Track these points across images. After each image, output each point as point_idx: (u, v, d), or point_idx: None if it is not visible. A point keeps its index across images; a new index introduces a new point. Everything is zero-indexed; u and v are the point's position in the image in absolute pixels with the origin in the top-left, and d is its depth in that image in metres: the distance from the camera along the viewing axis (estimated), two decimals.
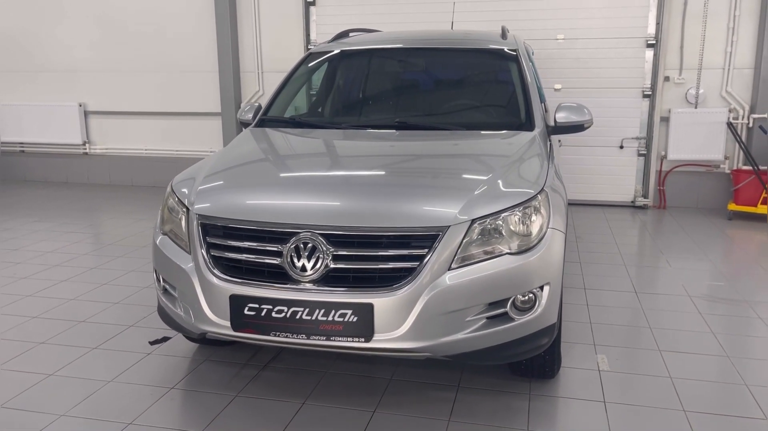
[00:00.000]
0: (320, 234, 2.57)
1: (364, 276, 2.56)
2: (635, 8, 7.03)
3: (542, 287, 2.68)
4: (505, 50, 4.16)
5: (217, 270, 2.67)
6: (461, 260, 2.57)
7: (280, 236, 2.61)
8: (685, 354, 3.50)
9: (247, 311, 2.58)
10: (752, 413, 2.91)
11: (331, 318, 2.51)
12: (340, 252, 2.55)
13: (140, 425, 2.79)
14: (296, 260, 2.57)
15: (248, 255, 2.65)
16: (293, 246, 2.58)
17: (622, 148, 7.34)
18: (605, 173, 7.44)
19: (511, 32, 4.51)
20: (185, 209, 2.87)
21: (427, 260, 2.53)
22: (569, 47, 7.24)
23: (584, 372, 3.28)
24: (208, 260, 2.69)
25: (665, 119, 7.17)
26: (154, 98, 8.54)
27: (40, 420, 2.82)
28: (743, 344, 3.66)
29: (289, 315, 2.54)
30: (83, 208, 7.42)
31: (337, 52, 4.45)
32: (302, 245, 2.57)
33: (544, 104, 3.99)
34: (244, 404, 2.97)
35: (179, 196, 2.97)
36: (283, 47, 7.94)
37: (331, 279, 2.56)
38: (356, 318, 2.50)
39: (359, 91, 4.44)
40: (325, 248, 2.55)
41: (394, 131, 3.68)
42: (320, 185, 2.95)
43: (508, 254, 2.62)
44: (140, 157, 8.76)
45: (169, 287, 2.93)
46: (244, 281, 2.62)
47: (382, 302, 2.49)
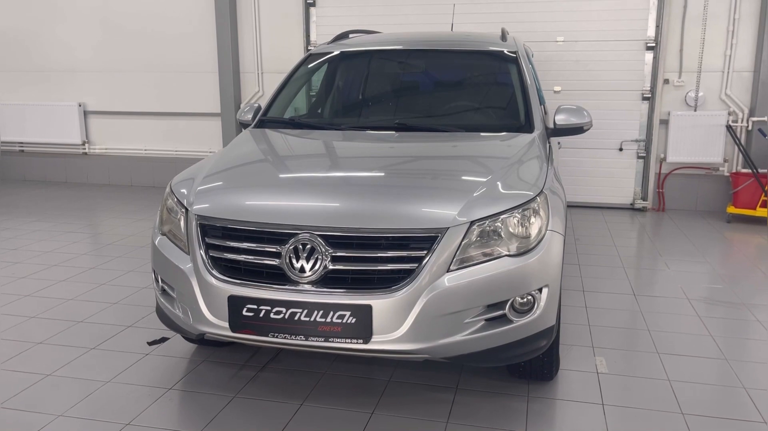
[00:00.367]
0: (319, 236, 2.57)
1: (362, 278, 2.56)
2: (635, 11, 7.03)
3: (541, 289, 2.69)
4: (504, 52, 4.16)
5: (215, 271, 2.67)
6: (460, 262, 2.57)
7: (278, 237, 2.61)
8: (683, 357, 3.50)
9: (245, 312, 2.58)
10: (750, 416, 2.91)
11: (329, 320, 2.50)
12: (338, 254, 2.55)
13: (138, 426, 2.79)
14: (295, 261, 2.57)
15: (247, 256, 2.65)
16: (292, 248, 2.57)
17: (621, 150, 7.35)
18: (604, 175, 7.45)
19: (510, 34, 4.51)
20: (184, 210, 2.87)
21: (425, 262, 2.53)
22: (569, 49, 7.24)
23: (582, 375, 3.28)
24: (206, 261, 2.69)
25: (664, 122, 7.18)
26: (153, 98, 8.54)
27: (37, 421, 2.81)
28: (742, 347, 3.66)
29: (287, 317, 2.53)
30: (82, 207, 7.42)
31: (337, 53, 4.45)
32: (301, 246, 2.57)
33: (543, 106, 3.99)
34: (242, 405, 2.97)
35: (178, 196, 2.97)
36: (283, 48, 7.95)
37: (329, 281, 2.56)
38: (355, 320, 2.50)
39: (359, 92, 4.43)
40: (323, 249, 2.55)
41: (393, 133, 3.68)
42: (319, 186, 2.94)
43: (506, 256, 2.62)
44: (140, 157, 8.76)
45: (167, 288, 2.93)
46: (242, 282, 2.62)
47: (380, 303, 2.49)
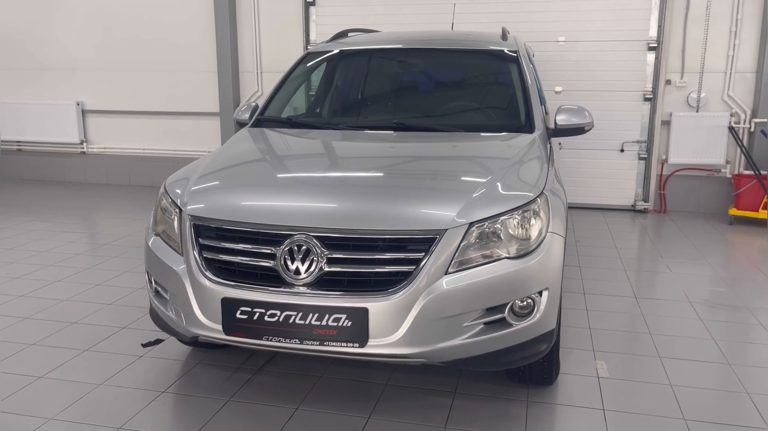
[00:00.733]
0: (315, 237, 2.51)
1: (359, 280, 2.50)
2: (637, 11, 6.98)
3: (541, 292, 2.64)
4: (505, 51, 4.11)
5: (209, 273, 2.62)
6: (459, 264, 2.52)
7: (273, 238, 2.56)
8: (685, 361, 3.45)
9: (239, 314, 2.53)
10: (753, 422, 2.85)
11: (324, 323, 2.45)
12: (334, 255, 2.50)
13: (129, 430, 2.73)
14: (290, 263, 2.52)
15: (241, 258, 2.60)
16: (287, 249, 2.52)
17: (622, 151, 7.29)
18: (606, 176, 7.39)
19: (511, 34, 4.46)
20: (178, 210, 2.82)
21: (423, 264, 2.48)
22: (570, 49, 7.19)
23: (583, 379, 3.23)
24: (200, 262, 2.64)
25: (666, 123, 7.13)
26: (152, 97, 8.50)
27: (27, 424, 2.76)
28: (744, 351, 3.61)
29: (282, 320, 2.48)
30: (80, 207, 7.37)
31: (335, 52, 4.39)
32: (296, 247, 2.51)
33: (544, 106, 3.95)
34: (236, 409, 2.92)
35: (172, 196, 2.91)
36: (282, 47, 7.90)
37: (325, 283, 2.50)
38: (350, 323, 2.44)
39: (357, 91, 4.38)
40: (319, 251, 2.50)
41: (392, 132, 3.63)
42: (315, 186, 2.89)
43: (506, 258, 2.57)
44: (138, 156, 8.71)
45: (160, 289, 2.88)
46: (236, 284, 2.57)
47: (377, 307, 2.44)
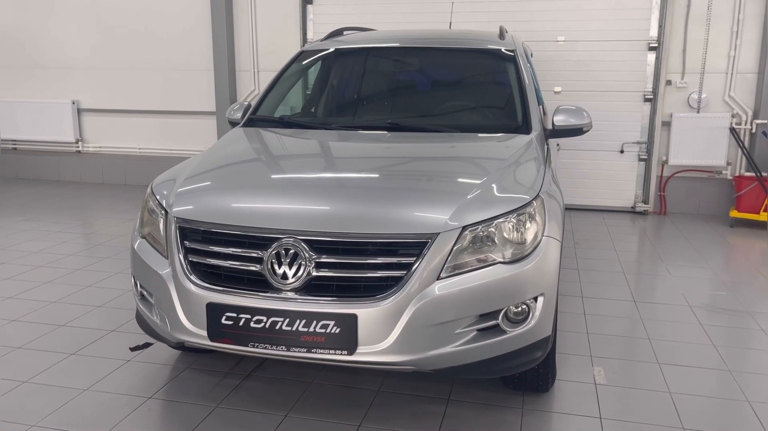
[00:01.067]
0: (303, 240, 2.44)
1: (348, 285, 2.43)
2: (637, 10, 6.90)
3: (536, 298, 2.56)
4: (502, 50, 4.03)
5: (194, 277, 2.54)
6: (451, 269, 2.44)
7: (260, 242, 2.49)
8: (684, 368, 3.38)
9: (224, 320, 2.46)
10: None
11: (312, 330, 2.38)
12: (323, 260, 2.43)
13: None
14: (277, 267, 2.44)
15: (227, 262, 2.53)
16: (274, 253, 2.45)
17: (622, 152, 7.22)
18: (605, 178, 7.31)
19: (509, 33, 4.38)
20: (164, 212, 2.74)
21: (414, 269, 2.40)
22: (570, 49, 7.11)
23: (580, 386, 3.16)
24: (185, 266, 2.57)
25: (667, 124, 7.05)
26: (148, 96, 8.42)
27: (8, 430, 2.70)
28: (745, 357, 3.54)
29: (268, 326, 2.41)
30: (75, 206, 7.29)
31: (330, 50, 4.32)
32: (284, 251, 2.44)
33: (542, 107, 3.87)
34: (223, 416, 2.85)
35: (159, 197, 2.84)
36: (279, 46, 7.81)
37: (313, 288, 2.43)
38: (339, 330, 2.37)
39: (351, 90, 4.30)
40: (307, 255, 2.42)
41: (385, 133, 3.55)
42: (305, 188, 2.82)
43: (500, 263, 2.50)
44: (134, 155, 8.64)
45: (146, 293, 2.81)
46: (222, 289, 2.50)
47: (366, 313, 2.37)
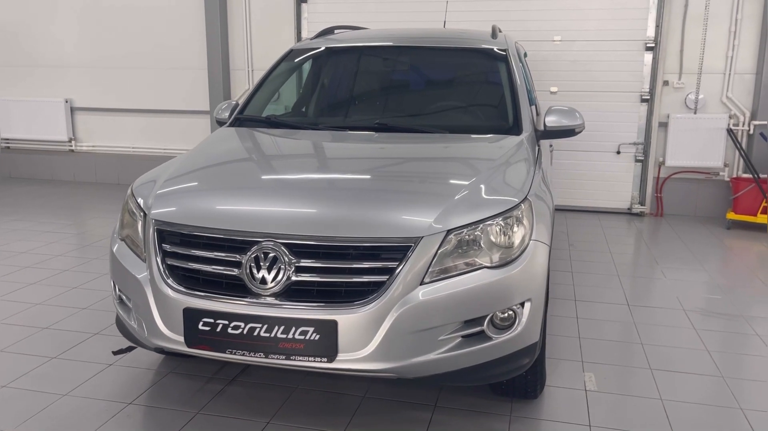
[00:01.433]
0: (282, 244, 2.37)
1: (328, 290, 2.36)
2: (634, 10, 6.82)
3: (523, 303, 2.49)
4: (494, 50, 3.96)
5: (171, 281, 2.47)
6: (435, 274, 2.38)
7: (239, 245, 2.42)
8: (677, 374, 3.31)
9: (201, 326, 2.39)
10: None
11: (291, 336, 2.31)
12: (303, 264, 2.36)
13: None
14: (256, 271, 2.37)
15: (205, 266, 2.46)
16: (253, 257, 2.38)
17: (619, 153, 7.15)
18: (601, 179, 7.24)
19: (502, 32, 4.31)
20: (143, 214, 2.68)
21: (397, 273, 2.33)
22: (566, 49, 7.04)
23: (570, 392, 3.09)
24: (162, 270, 2.50)
25: (664, 124, 6.98)
26: (142, 95, 8.35)
27: None
28: (739, 363, 3.47)
29: (246, 332, 2.34)
30: (67, 206, 7.22)
31: (320, 49, 4.25)
32: (262, 255, 2.37)
33: (534, 107, 3.80)
34: (204, 422, 2.78)
35: (138, 199, 2.77)
36: (274, 45, 7.74)
37: (293, 293, 2.36)
38: (318, 337, 2.30)
39: (341, 90, 4.22)
40: (287, 259, 2.36)
41: (373, 133, 3.48)
42: (285, 190, 2.75)
43: (486, 268, 2.43)
44: (127, 154, 8.57)
45: (124, 297, 2.74)
46: (200, 293, 2.43)
47: (346, 319, 2.30)
